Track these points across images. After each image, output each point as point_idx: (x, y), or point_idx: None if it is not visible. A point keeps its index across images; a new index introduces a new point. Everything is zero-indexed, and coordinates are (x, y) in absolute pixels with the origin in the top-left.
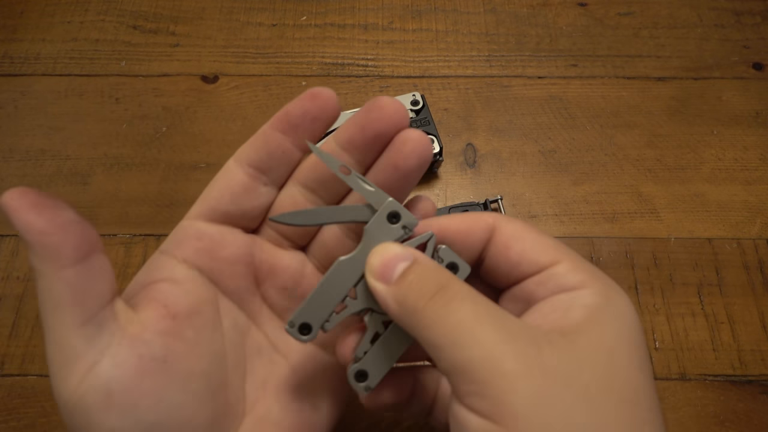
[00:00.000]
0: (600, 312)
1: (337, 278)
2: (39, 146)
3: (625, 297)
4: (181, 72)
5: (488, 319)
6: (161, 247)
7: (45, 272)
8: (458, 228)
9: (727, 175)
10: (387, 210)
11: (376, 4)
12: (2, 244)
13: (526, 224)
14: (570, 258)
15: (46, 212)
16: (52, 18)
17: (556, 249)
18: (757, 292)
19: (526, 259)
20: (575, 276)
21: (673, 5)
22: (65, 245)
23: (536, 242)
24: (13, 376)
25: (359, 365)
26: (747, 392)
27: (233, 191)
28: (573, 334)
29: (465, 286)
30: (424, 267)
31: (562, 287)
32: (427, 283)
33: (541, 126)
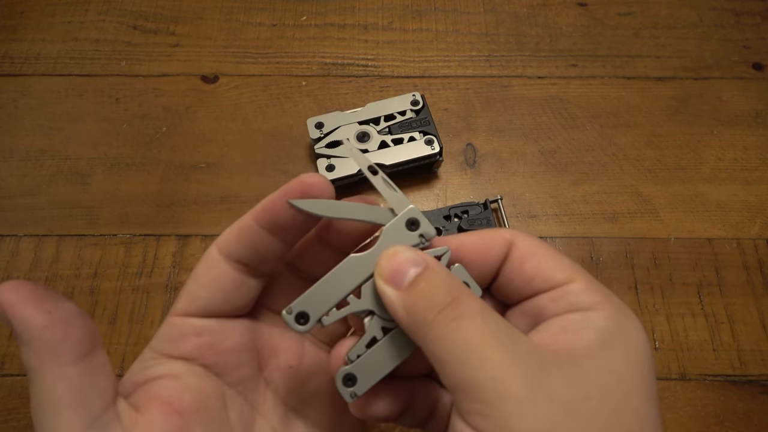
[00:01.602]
0: (611, 337)
1: (345, 273)
2: (39, 146)
3: (636, 323)
4: (181, 72)
5: (498, 339)
6: (152, 345)
7: (43, 371)
8: (476, 245)
9: (727, 175)
10: (408, 216)
11: (376, 4)
12: (2, 244)
13: (543, 242)
14: (585, 278)
15: (44, 305)
16: (52, 18)
17: (571, 268)
18: (757, 292)
19: (540, 275)
20: (589, 296)
21: (673, 5)
22: (67, 341)
23: (552, 259)
24: (13, 376)
25: (349, 368)
26: (747, 392)
27: (225, 290)
28: (582, 358)
29: (477, 300)
30: (437, 276)
31: (574, 306)
32: (438, 294)
33: (541, 126)
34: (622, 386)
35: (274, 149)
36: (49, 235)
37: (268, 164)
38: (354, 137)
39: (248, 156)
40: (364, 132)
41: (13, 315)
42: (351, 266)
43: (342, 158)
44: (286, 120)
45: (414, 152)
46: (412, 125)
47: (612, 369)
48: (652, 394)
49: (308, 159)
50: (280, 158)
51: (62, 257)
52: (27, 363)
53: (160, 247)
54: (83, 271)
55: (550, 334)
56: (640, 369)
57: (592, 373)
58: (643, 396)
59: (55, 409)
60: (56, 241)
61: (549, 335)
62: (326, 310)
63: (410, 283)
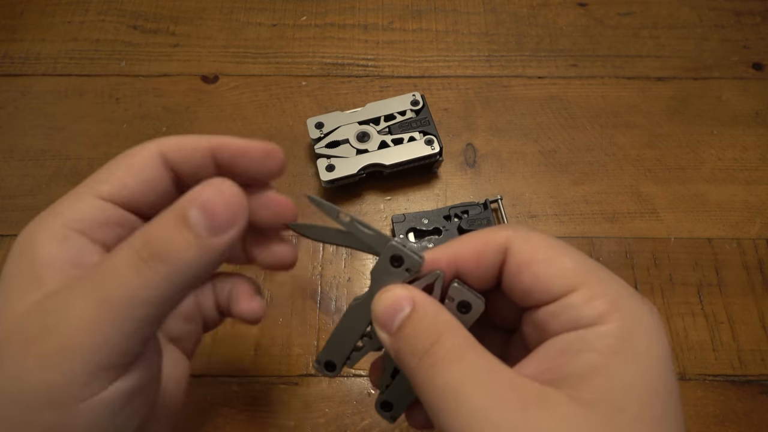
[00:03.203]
0: (612, 358)
1: (350, 322)
2: (39, 146)
3: (651, 328)
4: (181, 72)
5: (474, 383)
6: (70, 217)
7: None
8: (470, 255)
9: (727, 175)
10: (388, 254)
11: (376, 4)
12: (2, 244)
13: (543, 240)
14: (589, 283)
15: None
16: (52, 18)
17: (573, 272)
18: (757, 292)
19: (538, 287)
20: (591, 308)
21: (673, 5)
22: None
23: (551, 266)
24: None
25: (384, 397)
26: (747, 392)
27: (156, 191)
28: (573, 388)
29: (458, 339)
30: (420, 318)
31: (575, 323)
32: (420, 339)
33: (541, 126)
34: (621, 416)
35: None
36: None
37: None
38: (354, 137)
39: None
40: (364, 132)
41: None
42: (354, 314)
43: (342, 158)
44: (286, 120)
45: (414, 152)
46: (412, 125)
47: (609, 399)
48: (665, 414)
49: (308, 159)
50: None
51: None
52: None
53: None
54: None
55: (549, 358)
56: (648, 388)
57: (584, 405)
58: (649, 420)
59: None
60: None
61: (548, 360)
62: (346, 355)
63: (397, 328)
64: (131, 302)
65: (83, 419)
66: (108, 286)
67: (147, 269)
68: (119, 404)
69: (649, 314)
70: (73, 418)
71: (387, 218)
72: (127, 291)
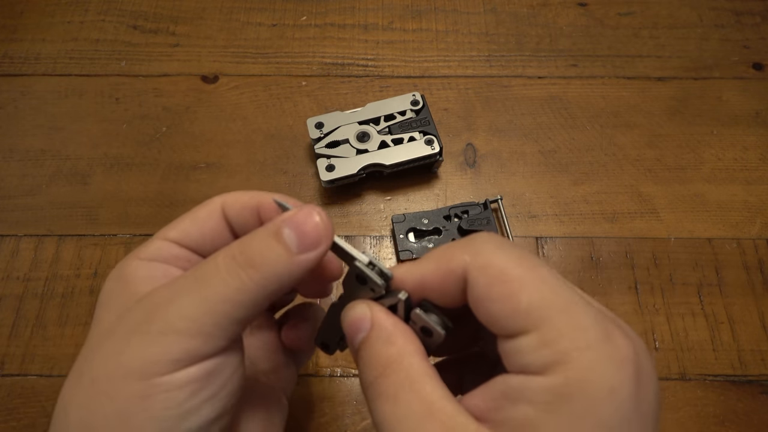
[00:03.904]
0: (546, 416)
1: (332, 317)
2: (39, 146)
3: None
4: (181, 72)
5: (405, 424)
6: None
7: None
8: (433, 281)
9: (727, 175)
10: (354, 272)
11: (376, 4)
12: (2, 244)
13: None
14: (542, 327)
15: None
16: (52, 18)
17: (527, 314)
18: (757, 292)
19: (493, 324)
20: (538, 356)
21: (673, 5)
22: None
23: (504, 304)
24: (13, 376)
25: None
26: (747, 392)
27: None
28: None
29: (401, 373)
30: (373, 344)
31: (522, 368)
32: (369, 367)
33: (541, 126)
34: None
35: (274, 149)
36: (49, 235)
37: (268, 164)
38: (354, 137)
39: (248, 156)
40: (364, 132)
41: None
42: (334, 311)
43: (342, 158)
44: (286, 120)
45: (414, 152)
46: (412, 125)
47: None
48: None
49: (308, 159)
50: (280, 158)
51: (62, 257)
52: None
53: None
54: (83, 271)
55: (492, 397)
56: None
57: None
58: None
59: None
60: (56, 241)
61: (491, 398)
62: (337, 341)
63: (357, 348)
64: (227, 301)
65: (164, 390)
66: (209, 285)
67: (243, 274)
68: (197, 384)
69: (608, 370)
70: (156, 388)
71: (387, 218)
72: (225, 291)
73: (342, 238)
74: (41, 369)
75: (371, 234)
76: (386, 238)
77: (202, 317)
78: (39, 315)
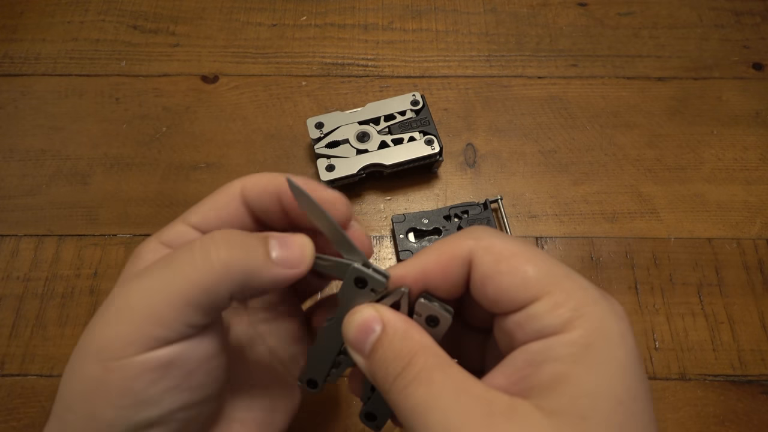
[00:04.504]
0: (575, 366)
1: (325, 341)
2: (39, 146)
3: (617, 333)
4: (181, 72)
5: (441, 402)
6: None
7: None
8: (435, 270)
9: (727, 175)
10: (352, 276)
11: (376, 4)
12: (2, 244)
13: (505, 248)
14: (553, 290)
15: None
16: (52, 18)
17: (536, 281)
18: (757, 292)
19: (502, 298)
20: (555, 317)
21: (673, 5)
22: None
23: (514, 276)
24: (13, 376)
25: (366, 408)
26: (747, 392)
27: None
28: (540, 398)
29: (428, 359)
30: (390, 340)
31: (539, 332)
32: (392, 363)
33: (541, 126)
34: (586, 423)
35: (274, 149)
36: (49, 235)
37: (268, 164)
38: (354, 137)
39: (248, 156)
40: (364, 132)
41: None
42: (327, 333)
43: (342, 158)
44: (286, 120)
45: (414, 152)
46: (412, 125)
47: (573, 407)
48: (630, 420)
49: (308, 159)
50: (280, 158)
51: (62, 257)
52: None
53: None
54: (83, 271)
55: (516, 369)
56: (612, 395)
57: (548, 416)
58: (614, 426)
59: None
60: (56, 241)
61: (515, 370)
62: (326, 374)
63: (370, 351)
64: (187, 281)
65: (119, 375)
66: (174, 264)
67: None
68: (155, 373)
69: (614, 319)
70: (111, 372)
71: (387, 218)
72: (188, 270)
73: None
74: (41, 369)
75: (371, 234)
76: (386, 238)
77: (158, 299)
78: (39, 315)
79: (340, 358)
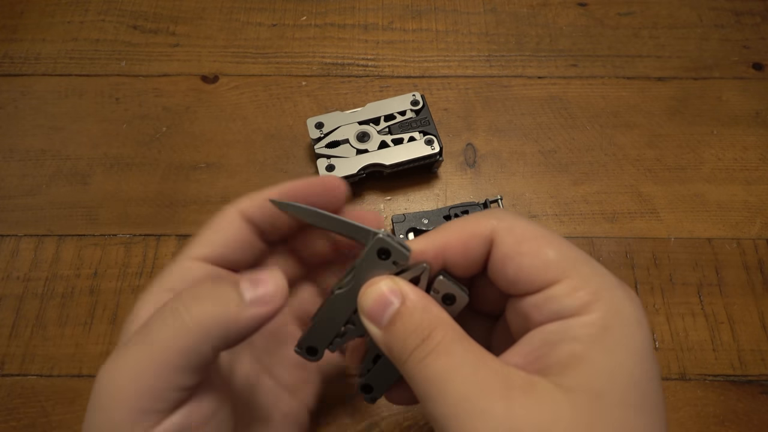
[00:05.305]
0: (593, 346)
1: (333, 310)
2: (39, 146)
3: (632, 319)
4: (181, 72)
5: (460, 373)
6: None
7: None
8: (456, 246)
9: (727, 175)
10: (376, 247)
11: (376, 4)
12: (2, 244)
13: (527, 231)
14: (572, 275)
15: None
16: (52, 18)
17: (557, 264)
18: (757, 292)
19: (522, 278)
20: (574, 299)
21: (673, 5)
22: None
23: (535, 258)
24: (13, 376)
25: (364, 380)
26: (747, 392)
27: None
28: (557, 375)
29: (447, 333)
30: (410, 313)
31: (557, 314)
32: (411, 335)
33: (541, 126)
34: (602, 401)
35: (274, 149)
36: (49, 235)
37: (268, 164)
38: (354, 137)
39: (248, 156)
40: (364, 132)
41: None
42: (337, 303)
43: (342, 158)
44: (286, 120)
45: (414, 152)
46: (412, 125)
47: (590, 385)
48: (644, 400)
49: (308, 159)
50: (280, 158)
51: (62, 257)
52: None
53: (160, 247)
54: (83, 271)
55: (534, 348)
56: (628, 375)
57: (567, 393)
58: (630, 405)
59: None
60: (56, 241)
61: (533, 349)
62: (329, 342)
63: (388, 323)
64: (166, 349)
65: None
66: (150, 334)
67: (185, 314)
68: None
69: (630, 305)
70: None
71: (387, 218)
72: (165, 337)
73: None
74: (41, 369)
75: None
76: None
77: (144, 375)
78: (39, 315)
79: (346, 328)
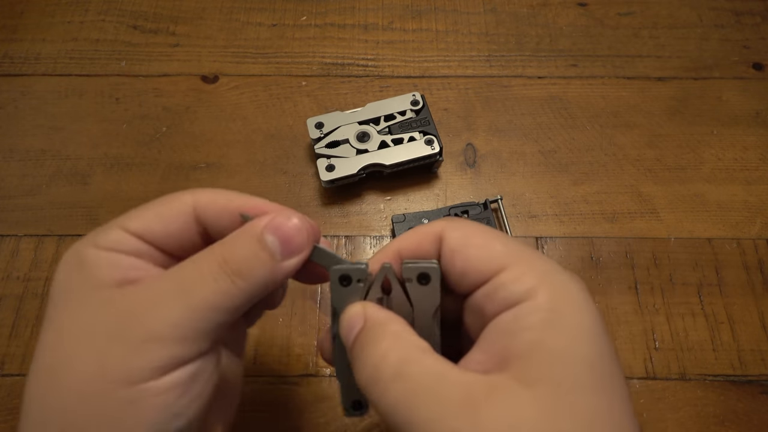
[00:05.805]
0: (545, 332)
1: (341, 356)
2: (39, 146)
3: (579, 297)
4: (181, 72)
5: (420, 396)
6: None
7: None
8: (409, 248)
9: (727, 175)
10: (336, 277)
11: (376, 4)
12: (2, 244)
13: (474, 228)
14: (518, 262)
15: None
16: (52, 18)
17: (502, 253)
18: (757, 292)
19: (470, 268)
20: (521, 285)
21: (673, 5)
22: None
23: (481, 248)
24: (13, 376)
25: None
26: (747, 392)
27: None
28: (517, 369)
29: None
30: (367, 331)
31: (507, 301)
32: (369, 356)
33: (541, 126)
34: (560, 389)
35: (274, 149)
36: (49, 235)
37: (268, 164)
38: (354, 137)
39: (248, 156)
40: (364, 132)
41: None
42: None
43: (342, 158)
44: (286, 120)
45: (414, 152)
46: (412, 125)
47: (549, 374)
48: (601, 381)
49: (308, 159)
50: (280, 158)
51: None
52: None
53: None
54: None
55: (492, 342)
56: (581, 357)
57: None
58: (587, 387)
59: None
60: (56, 241)
61: (491, 344)
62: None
63: (353, 344)
64: (212, 308)
65: (151, 395)
66: (194, 293)
67: (229, 282)
68: (183, 387)
69: (575, 286)
70: (143, 393)
71: (387, 218)
72: (211, 298)
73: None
74: None
75: (371, 234)
76: (386, 238)
77: (186, 324)
78: (39, 315)
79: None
